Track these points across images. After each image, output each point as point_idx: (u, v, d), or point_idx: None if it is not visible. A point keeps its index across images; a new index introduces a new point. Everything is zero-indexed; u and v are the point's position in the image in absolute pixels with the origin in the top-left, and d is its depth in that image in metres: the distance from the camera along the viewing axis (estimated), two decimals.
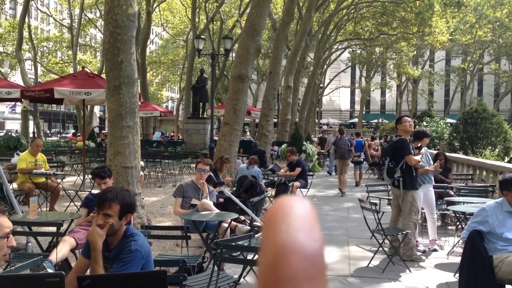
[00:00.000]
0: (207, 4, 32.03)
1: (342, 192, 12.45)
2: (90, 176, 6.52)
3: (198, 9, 31.70)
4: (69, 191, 9.21)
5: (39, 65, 36.83)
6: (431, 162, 7.06)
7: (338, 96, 69.13)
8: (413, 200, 6.13)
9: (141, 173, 8.93)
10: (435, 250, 6.58)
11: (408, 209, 6.11)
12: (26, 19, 25.67)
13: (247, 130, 35.43)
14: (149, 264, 3.01)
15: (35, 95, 11.09)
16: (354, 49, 44.55)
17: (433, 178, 7.05)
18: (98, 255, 2.87)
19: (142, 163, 10.32)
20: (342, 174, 12.76)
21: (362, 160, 15.30)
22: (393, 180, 6.22)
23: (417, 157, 6.21)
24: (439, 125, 20.14)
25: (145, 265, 2.95)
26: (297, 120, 27.36)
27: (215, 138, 17.94)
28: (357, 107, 63.98)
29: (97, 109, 53.37)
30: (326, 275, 0.52)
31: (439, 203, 7.77)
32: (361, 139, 16.84)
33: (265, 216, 0.55)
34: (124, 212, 2.93)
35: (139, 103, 7.80)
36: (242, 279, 4.63)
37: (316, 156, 19.03)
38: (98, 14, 36.48)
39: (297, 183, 10.09)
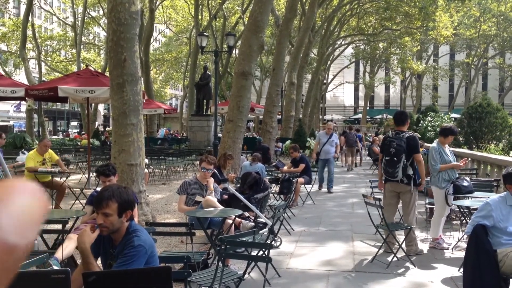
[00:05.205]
0: (210, 1, 32.02)
1: (350, 168, 17.99)
2: (95, 174, 6.55)
3: (201, 6, 31.69)
4: (74, 189, 9.27)
5: (43, 63, 36.94)
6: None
7: (342, 92, 69.00)
8: (417, 196, 6.21)
9: (146, 170, 8.96)
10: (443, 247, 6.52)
11: (414, 205, 6.14)
12: (30, 18, 25.73)
13: (252, 125, 35.37)
14: (154, 259, 3.03)
15: (39, 94, 11.13)
16: (357, 44, 44.43)
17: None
18: (88, 256, 2.93)
19: (146, 160, 10.34)
20: (350, 157, 18.53)
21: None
22: (402, 177, 6.03)
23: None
24: (444, 120, 20.08)
25: (150, 260, 2.97)
26: (301, 116, 27.34)
27: (219, 135, 17.95)
28: (361, 102, 63.87)
29: (101, 107, 53.56)
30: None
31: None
32: (360, 134, 22.49)
33: None
34: (123, 210, 2.94)
35: (143, 101, 7.83)
36: (246, 275, 4.66)
37: None
38: (101, 12, 36.53)
39: (301, 179, 10.10)
